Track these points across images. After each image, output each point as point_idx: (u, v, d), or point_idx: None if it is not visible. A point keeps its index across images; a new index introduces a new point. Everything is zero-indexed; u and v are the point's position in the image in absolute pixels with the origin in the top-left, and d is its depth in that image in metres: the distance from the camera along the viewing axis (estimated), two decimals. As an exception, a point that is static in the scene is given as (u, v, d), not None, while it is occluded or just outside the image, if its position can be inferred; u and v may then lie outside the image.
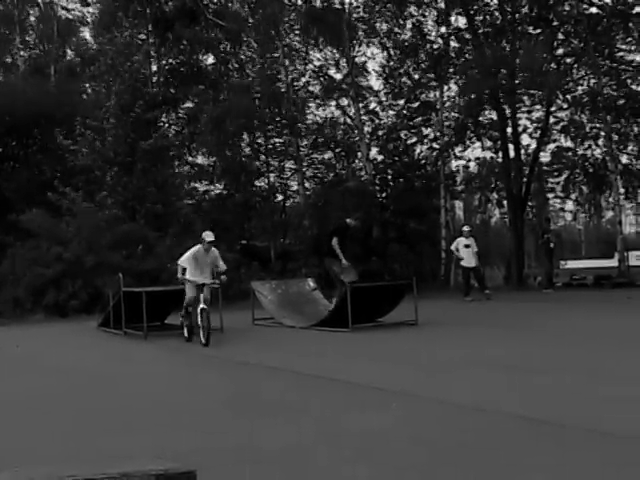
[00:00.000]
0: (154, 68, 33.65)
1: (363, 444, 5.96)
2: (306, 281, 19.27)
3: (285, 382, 9.49)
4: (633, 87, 29.11)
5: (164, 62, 34.30)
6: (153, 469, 2.23)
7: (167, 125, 32.89)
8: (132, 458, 3.51)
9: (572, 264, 44.68)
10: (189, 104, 34.96)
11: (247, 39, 34.13)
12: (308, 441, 6.13)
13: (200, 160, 35.44)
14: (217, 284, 14.70)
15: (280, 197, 35.81)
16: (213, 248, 14.49)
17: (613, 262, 32.34)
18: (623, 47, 28.82)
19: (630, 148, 30.04)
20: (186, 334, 14.59)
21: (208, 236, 14.34)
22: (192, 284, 14.15)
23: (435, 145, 32.44)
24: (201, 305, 13.69)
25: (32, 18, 39.05)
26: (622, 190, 30.48)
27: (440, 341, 13.29)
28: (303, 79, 34.33)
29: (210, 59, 35.81)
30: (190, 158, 34.91)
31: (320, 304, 17.56)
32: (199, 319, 13.62)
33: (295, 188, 34.40)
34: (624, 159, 30.32)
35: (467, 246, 22.98)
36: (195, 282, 14.11)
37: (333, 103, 34.24)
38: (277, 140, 34.69)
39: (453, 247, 23.67)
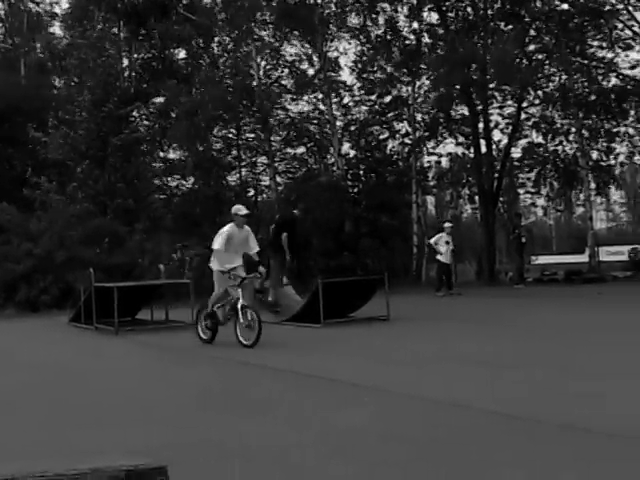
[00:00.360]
0: (125, 62, 33.48)
1: (335, 440, 5.95)
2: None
3: (255, 377, 9.48)
4: (604, 84, 29.36)
5: (136, 56, 34.12)
6: (124, 464, 2.21)
7: (139, 120, 32.71)
8: (103, 453, 3.49)
9: (543, 259, 44.91)
10: (160, 99, 34.79)
11: (219, 33, 33.96)
12: (280, 437, 6.12)
13: (172, 155, 35.32)
14: (258, 277, 13.49)
15: (252, 192, 35.77)
16: (245, 225, 12.81)
17: (584, 257, 32.60)
18: (594, 44, 29.03)
19: (601, 144, 30.27)
20: (202, 335, 12.77)
21: (241, 210, 12.64)
22: (225, 275, 12.29)
23: (407, 140, 32.50)
24: (241, 301, 11.90)
25: (1, 11, 38.65)
26: (593, 186, 30.77)
27: (412, 336, 13.32)
28: (275, 73, 34.24)
29: (182, 54, 35.68)
30: (162, 153, 34.75)
31: (291, 299, 17.52)
32: (241, 317, 11.81)
33: (267, 183, 34.36)
34: (595, 155, 30.62)
35: (447, 242, 23.19)
36: (236, 274, 12.32)
37: (305, 98, 34.18)
38: (249, 135, 34.64)
39: (433, 241, 23.79)
